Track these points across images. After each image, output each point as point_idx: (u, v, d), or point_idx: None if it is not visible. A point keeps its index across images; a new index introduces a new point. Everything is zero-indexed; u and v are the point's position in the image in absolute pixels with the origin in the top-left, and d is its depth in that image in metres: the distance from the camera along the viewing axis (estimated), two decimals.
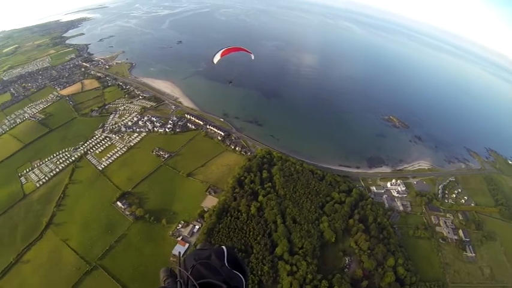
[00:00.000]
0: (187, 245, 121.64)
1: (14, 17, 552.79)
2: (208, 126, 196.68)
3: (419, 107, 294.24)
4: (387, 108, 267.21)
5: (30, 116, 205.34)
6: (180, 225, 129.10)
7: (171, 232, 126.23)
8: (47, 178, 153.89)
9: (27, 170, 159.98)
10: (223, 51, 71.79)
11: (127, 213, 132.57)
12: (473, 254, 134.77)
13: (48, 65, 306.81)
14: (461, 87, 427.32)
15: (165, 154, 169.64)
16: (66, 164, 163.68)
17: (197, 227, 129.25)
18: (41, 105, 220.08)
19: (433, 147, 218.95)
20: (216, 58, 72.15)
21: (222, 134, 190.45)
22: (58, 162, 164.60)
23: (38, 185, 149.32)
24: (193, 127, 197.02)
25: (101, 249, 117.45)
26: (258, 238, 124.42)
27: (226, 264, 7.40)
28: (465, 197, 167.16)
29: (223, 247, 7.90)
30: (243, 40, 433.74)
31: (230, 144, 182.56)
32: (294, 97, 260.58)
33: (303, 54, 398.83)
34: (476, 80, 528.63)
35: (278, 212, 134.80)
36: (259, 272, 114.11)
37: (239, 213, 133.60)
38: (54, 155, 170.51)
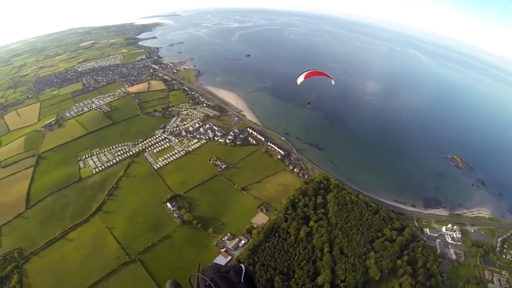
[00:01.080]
0: (229, 257, 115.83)
1: (94, 16, 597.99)
2: (269, 143, 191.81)
3: (487, 149, 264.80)
4: (451, 147, 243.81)
5: (97, 107, 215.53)
6: (226, 237, 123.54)
7: (215, 242, 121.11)
8: (103, 167, 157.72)
9: (87, 156, 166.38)
10: (307, 74, 70.20)
11: (175, 215, 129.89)
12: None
13: (120, 62, 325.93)
14: None
15: (222, 164, 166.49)
16: (123, 157, 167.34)
17: (243, 241, 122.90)
18: (108, 99, 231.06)
19: (496, 194, 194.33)
20: (300, 79, 70.53)
21: (282, 153, 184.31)
22: (116, 154, 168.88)
23: (94, 172, 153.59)
24: (254, 142, 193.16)
25: (143, 245, 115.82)
26: (302, 264, 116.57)
27: (243, 281, 7.67)
28: None
29: (242, 265, 8.15)
30: (310, 60, 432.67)
31: (289, 164, 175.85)
32: (356, 124, 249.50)
33: (368, 81, 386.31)
34: None
35: (327, 240, 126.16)
36: None
37: (287, 235, 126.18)
38: (114, 146, 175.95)
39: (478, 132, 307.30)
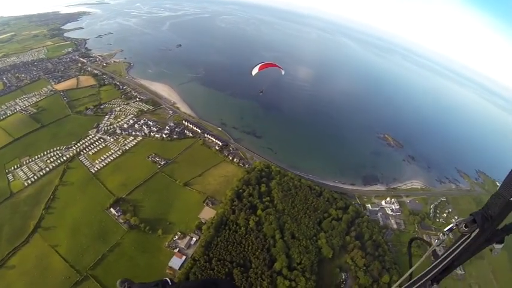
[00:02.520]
0: (184, 257, 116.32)
1: (13, 4, 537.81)
2: (206, 135, 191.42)
3: (413, 127, 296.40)
4: (382, 127, 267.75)
5: (21, 109, 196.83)
6: (176, 237, 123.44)
7: (167, 243, 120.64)
8: (36, 177, 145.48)
9: (16, 166, 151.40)
10: (261, 66, 72.23)
11: (121, 220, 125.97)
12: (463, 272, 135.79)
13: (44, 56, 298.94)
14: (452, 109, 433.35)
15: (161, 161, 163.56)
16: (57, 163, 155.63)
17: (194, 239, 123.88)
18: (34, 99, 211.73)
19: (425, 167, 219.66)
20: (254, 71, 71.99)
21: (220, 143, 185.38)
22: (49, 161, 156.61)
23: (26, 184, 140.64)
24: (190, 134, 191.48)
25: (93, 258, 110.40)
26: (257, 253, 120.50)
27: None
28: (455, 217, 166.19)
29: (167, 279, 8.18)
30: (243, 49, 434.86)
31: (228, 155, 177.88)
32: (290, 110, 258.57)
33: (301, 68, 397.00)
34: (466, 102, 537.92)
35: (277, 227, 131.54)
36: (258, 287, 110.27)
37: (237, 227, 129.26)
38: (45, 152, 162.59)
39: (404, 112, 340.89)
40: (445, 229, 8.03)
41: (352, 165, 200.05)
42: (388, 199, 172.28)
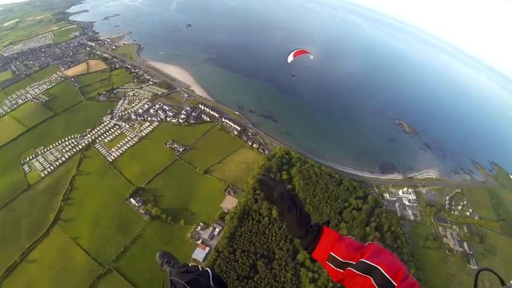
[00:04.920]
0: (207, 248, 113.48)
1: None
2: (223, 119, 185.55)
3: (428, 112, 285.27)
4: (396, 111, 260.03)
5: (33, 97, 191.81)
6: (199, 227, 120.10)
7: (189, 234, 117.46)
8: (52, 167, 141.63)
9: (31, 157, 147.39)
10: (295, 53, 68.98)
11: (141, 211, 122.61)
12: (476, 267, 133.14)
13: (51, 42, 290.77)
14: (468, 95, 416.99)
15: (179, 147, 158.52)
16: (72, 152, 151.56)
17: (217, 229, 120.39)
18: (44, 86, 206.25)
19: (441, 156, 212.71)
20: (290, 58, 67.98)
21: (238, 128, 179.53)
22: (64, 151, 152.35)
23: (42, 175, 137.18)
24: (207, 119, 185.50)
25: (115, 251, 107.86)
26: (281, 244, 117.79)
27: (212, 284, 7.82)
28: (470, 210, 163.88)
29: (208, 269, 8.19)
30: (253, 29, 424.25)
31: (247, 140, 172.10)
32: (304, 92, 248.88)
33: (312, 48, 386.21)
34: (481, 88, 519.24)
35: None
36: (282, 279, 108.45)
37: (260, 217, 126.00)
38: (60, 141, 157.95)
39: (419, 97, 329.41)
40: None
41: (368, 151, 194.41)
42: (405, 189, 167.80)
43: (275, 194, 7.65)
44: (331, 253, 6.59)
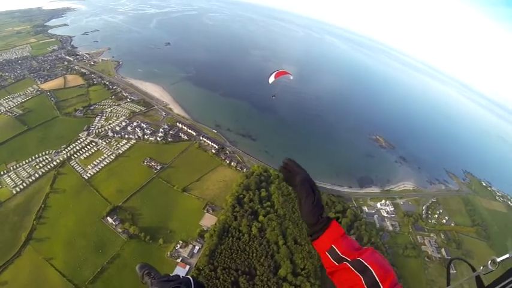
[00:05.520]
0: (187, 266, 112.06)
1: None
2: (201, 138, 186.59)
3: (403, 127, 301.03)
4: (372, 127, 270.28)
5: (6, 110, 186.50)
6: (178, 246, 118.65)
7: (169, 253, 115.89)
8: (24, 184, 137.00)
9: (2, 172, 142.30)
10: (276, 74, 69.86)
11: (119, 230, 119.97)
12: (455, 271, 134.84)
13: (29, 54, 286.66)
14: (439, 108, 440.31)
15: (157, 165, 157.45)
16: (46, 169, 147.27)
17: (197, 247, 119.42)
18: (19, 99, 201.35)
19: (416, 168, 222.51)
20: (271, 79, 69.47)
21: (216, 147, 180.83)
22: (38, 167, 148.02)
23: (14, 192, 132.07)
24: (185, 137, 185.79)
25: (92, 271, 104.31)
26: (262, 260, 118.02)
27: None
28: (446, 217, 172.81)
29: (189, 277, 8.33)
30: (231, 47, 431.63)
31: (225, 158, 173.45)
32: (282, 111, 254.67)
33: (289, 67, 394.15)
34: (452, 102, 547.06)
35: (279, 232, 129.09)
36: None
37: (240, 234, 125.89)
38: (33, 157, 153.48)
39: (394, 112, 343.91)
40: (499, 259, 6.18)
41: (346, 167, 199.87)
42: (383, 201, 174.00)
43: (298, 178, 7.84)
44: (333, 245, 7.12)
